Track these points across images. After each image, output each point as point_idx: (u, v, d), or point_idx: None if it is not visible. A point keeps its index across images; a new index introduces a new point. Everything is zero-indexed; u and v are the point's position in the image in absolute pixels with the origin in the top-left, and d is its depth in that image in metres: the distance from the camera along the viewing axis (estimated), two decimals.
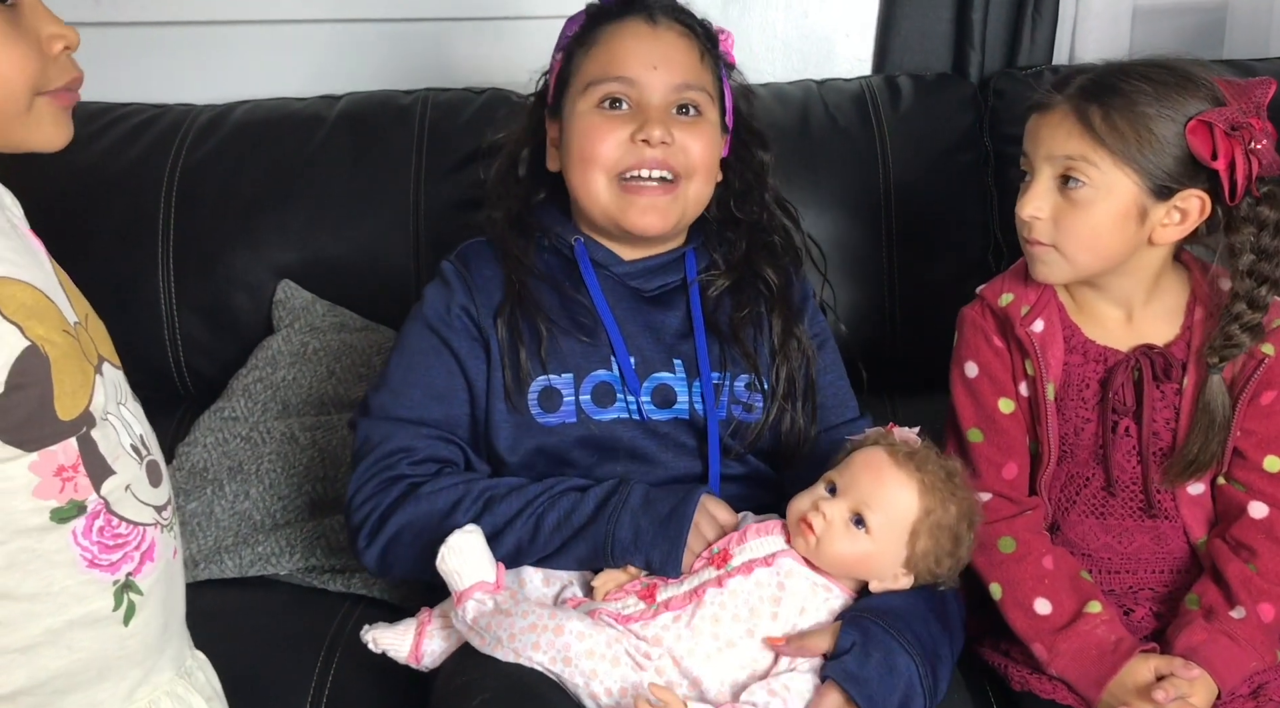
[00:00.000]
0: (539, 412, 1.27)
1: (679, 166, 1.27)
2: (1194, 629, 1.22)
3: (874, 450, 1.17)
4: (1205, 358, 1.25)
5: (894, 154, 1.73)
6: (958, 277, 1.70)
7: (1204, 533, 1.30)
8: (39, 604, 0.92)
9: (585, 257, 1.31)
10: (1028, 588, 1.25)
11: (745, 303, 1.33)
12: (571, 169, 1.29)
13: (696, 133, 1.27)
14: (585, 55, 1.29)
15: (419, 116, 1.73)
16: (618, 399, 1.28)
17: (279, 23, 1.88)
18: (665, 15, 1.29)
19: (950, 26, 1.89)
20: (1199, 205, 1.22)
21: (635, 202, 1.26)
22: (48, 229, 1.06)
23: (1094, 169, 1.21)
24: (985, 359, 1.32)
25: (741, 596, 1.14)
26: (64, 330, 0.93)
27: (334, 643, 1.33)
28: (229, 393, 1.63)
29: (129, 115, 1.76)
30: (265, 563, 1.46)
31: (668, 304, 1.33)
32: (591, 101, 1.27)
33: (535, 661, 1.10)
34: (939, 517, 1.15)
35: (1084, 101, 1.21)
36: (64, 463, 0.91)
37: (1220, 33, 1.99)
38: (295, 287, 1.69)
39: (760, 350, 1.32)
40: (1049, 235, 1.24)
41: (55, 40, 0.94)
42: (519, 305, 1.28)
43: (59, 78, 0.94)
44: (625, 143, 1.25)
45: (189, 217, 1.68)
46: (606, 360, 1.28)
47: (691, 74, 1.28)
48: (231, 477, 1.52)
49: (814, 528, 1.14)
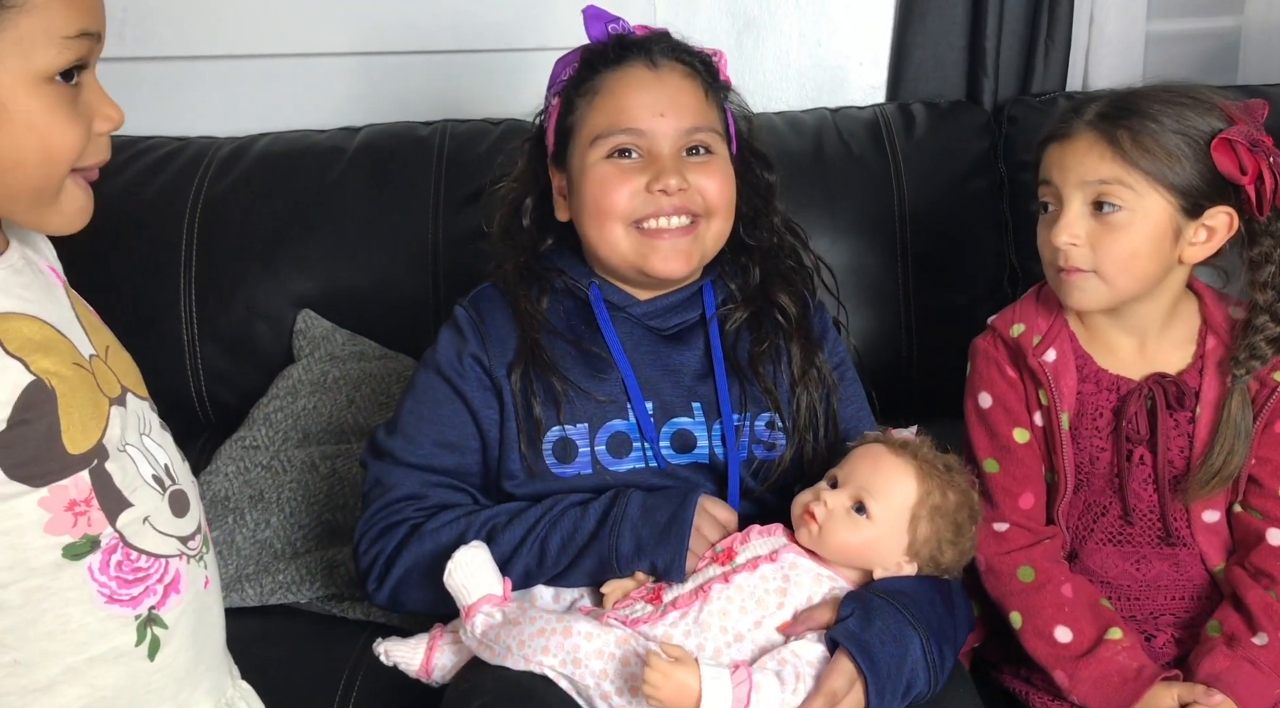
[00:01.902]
0: (554, 462, 1.26)
1: (697, 208, 1.26)
2: (1216, 656, 1.21)
3: (872, 445, 1.20)
4: (1230, 370, 1.25)
5: (909, 181, 1.74)
6: (973, 303, 1.71)
7: (1221, 560, 1.30)
8: (56, 643, 0.91)
9: (600, 302, 1.30)
10: (1047, 616, 1.25)
11: (764, 336, 1.32)
12: (587, 222, 1.27)
13: (710, 172, 1.26)
14: (589, 105, 1.27)
15: (437, 148, 1.75)
16: (634, 449, 1.27)
17: (299, 56, 1.90)
18: (665, 57, 1.27)
19: (964, 54, 1.89)
20: (1227, 221, 1.23)
21: (657, 247, 1.25)
22: (72, 261, 1.07)
23: (1129, 191, 1.21)
24: (999, 390, 1.32)
25: (748, 590, 1.15)
26: (75, 364, 0.92)
27: (354, 671, 1.33)
28: (250, 422, 1.64)
29: (152, 148, 1.78)
30: (286, 591, 1.47)
31: (686, 342, 1.32)
32: (601, 154, 1.25)
33: (546, 664, 1.11)
34: (938, 501, 1.17)
35: (1109, 125, 1.21)
36: (75, 497, 0.90)
37: (1234, 58, 1.99)
38: (315, 316, 1.70)
39: (780, 384, 1.31)
40: (1087, 261, 1.23)
41: (105, 121, 0.93)
42: (533, 363, 1.27)
43: (93, 156, 0.93)
44: (641, 193, 1.24)
45: (211, 248, 1.70)
46: (623, 410, 1.27)
47: (699, 116, 1.26)
48: (253, 505, 1.53)
49: (816, 516, 1.16)
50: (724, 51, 1.36)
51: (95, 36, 0.90)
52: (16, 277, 0.94)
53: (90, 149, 0.92)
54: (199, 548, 1.01)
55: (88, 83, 0.92)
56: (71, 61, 0.88)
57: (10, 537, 0.88)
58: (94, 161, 0.94)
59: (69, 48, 0.88)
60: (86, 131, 0.91)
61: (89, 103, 0.91)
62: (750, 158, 1.37)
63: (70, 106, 0.90)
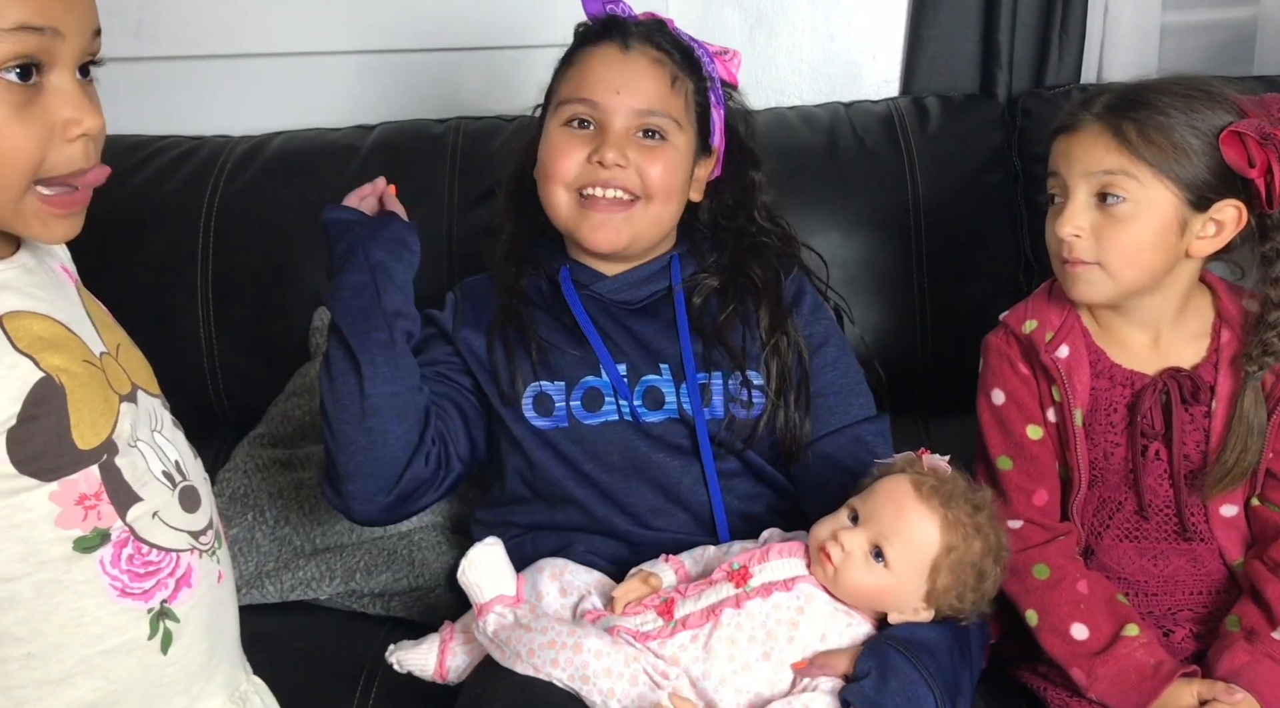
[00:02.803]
0: (533, 416, 1.32)
1: (634, 188, 1.30)
2: (1236, 651, 1.21)
3: (899, 480, 1.14)
4: (1243, 367, 1.25)
5: (923, 175, 1.73)
6: (988, 297, 1.70)
7: (1239, 554, 1.29)
8: (70, 636, 0.92)
9: (568, 280, 1.37)
10: (1063, 613, 1.25)
11: (730, 300, 1.36)
12: (539, 183, 1.34)
13: (656, 158, 1.30)
14: (562, 76, 1.35)
15: (451, 145, 1.75)
16: (606, 403, 1.32)
17: (313, 55, 1.91)
18: (640, 41, 1.32)
19: (977, 47, 1.89)
20: (1235, 215, 1.23)
21: (589, 216, 1.31)
22: (89, 260, 1.08)
23: (1133, 182, 1.21)
24: (1012, 387, 1.32)
25: (759, 618, 1.13)
26: (85, 360, 0.93)
27: (374, 667, 1.34)
28: (267, 419, 1.65)
29: (168, 147, 1.79)
30: (306, 588, 1.48)
31: (655, 313, 1.37)
32: (560, 120, 1.32)
33: (554, 677, 1.11)
34: (961, 554, 1.12)
35: (1116, 117, 1.21)
36: (85, 491, 0.91)
37: (1250, 49, 1.97)
38: None
39: (750, 348, 1.34)
40: (1091, 253, 1.23)
41: (71, 126, 0.87)
42: (509, 322, 1.35)
43: (63, 165, 0.88)
44: (583, 162, 1.30)
45: (227, 246, 1.71)
46: (596, 369, 1.33)
47: (657, 101, 1.31)
48: (272, 502, 1.54)
49: (832, 559, 1.13)
50: (739, 52, 1.39)
51: (50, 32, 0.85)
52: (28, 276, 0.94)
53: (57, 158, 0.88)
54: (211, 543, 1.02)
55: (54, 85, 0.87)
56: (12, 55, 0.84)
57: (21, 530, 0.89)
58: (61, 171, 0.88)
59: (8, 39, 0.83)
60: (43, 136, 0.86)
61: (51, 106, 0.87)
62: (739, 155, 1.41)
63: (21, 108, 0.85)
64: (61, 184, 0.89)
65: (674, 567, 1.23)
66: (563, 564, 1.27)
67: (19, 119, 0.86)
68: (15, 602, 0.90)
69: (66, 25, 0.87)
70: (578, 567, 1.27)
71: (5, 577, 0.90)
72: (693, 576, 1.23)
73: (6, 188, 0.87)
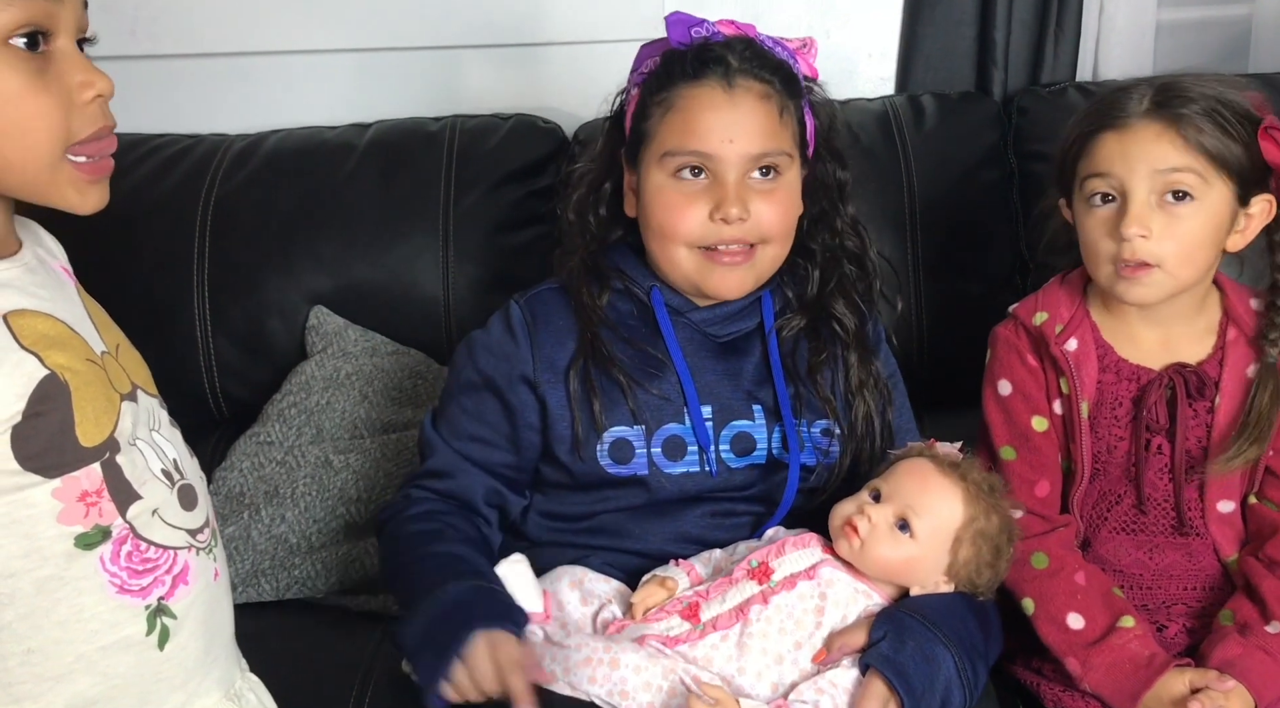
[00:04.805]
0: (609, 463, 1.26)
1: (754, 237, 1.25)
2: (1229, 644, 1.21)
3: (918, 461, 1.18)
4: (1263, 348, 1.26)
5: (919, 173, 1.74)
6: (985, 294, 1.71)
7: (1233, 551, 1.30)
8: (70, 631, 0.93)
9: (662, 304, 1.30)
10: (1061, 603, 1.25)
11: (822, 346, 1.32)
12: (651, 238, 1.28)
13: (773, 200, 1.25)
14: (661, 118, 1.26)
15: (447, 143, 1.75)
16: (689, 452, 1.27)
17: (310, 53, 1.91)
18: (743, 75, 1.24)
19: (973, 45, 1.89)
20: (1266, 208, 1.24)
21: (715, 269, 1.25)
22: (85, 259, 1.08)
23: (1199, 179, 1.20)
24: (1019, 377, 1.32)
25: (786, 610, 1.15)
26: (88, 359, 0.94)
27: (370, 666, 1.34)
28: (264, 418, 1.65)
29: (164, 146, 1.79)
30: (301, 586, 1.48)
31: (743, 351, 1.31)
32: (667, 170, 1.25)
33: (593, 694, 1.11)
34: (982, 525, 1.16)
35: (1172, 113, 1.20)
36: (87, 488, 0.92)
37: (1245, 47, 1.98)
38: (328, 312, 1.71)
39: (836, 392, 1.31)
40: (1154, 254, 1.21)
41: (85, 88, 0.91)
42: (593, 357, 1.27)
43: (86, 127, 0.92)
44: (704, 221, 1.24)
45: (223, 245, 1.70)
46: (679, 413, 1.27)
47: (769, 141, 1.25)
48: (268, 501, 1.54)
49: (859, 531, 1.15)
50: (815, 40, 1.33)
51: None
52: (31, 275, 0.95)
53: (79, 122, 0.91)
54: (208, 541, 1.02)
55: (60, 51, 0.91)
56: (19, 21, 0.87)
57: (24, 526, 0.90)
58: (89, 132, 0.92)
59: (13, 5, 0.86)
60: (63, 104, 0.90)
61: (63, 71, 0.90)
62: (825, 154, 1.35)
63: (37, 76, 0.89)
64: (91, 147, 0.92)
65: (685, 570, 1.23)
66: (581, 572, 1.25)
67: (40, 88, 0.89)
68: (16, 598, 0.91)
69: None
70: (596, 575, 1.25)
71: (6, 573, 0.91)
72: (704, 577, 1.23)
73: (41, 156, 0.90)
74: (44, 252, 1.01)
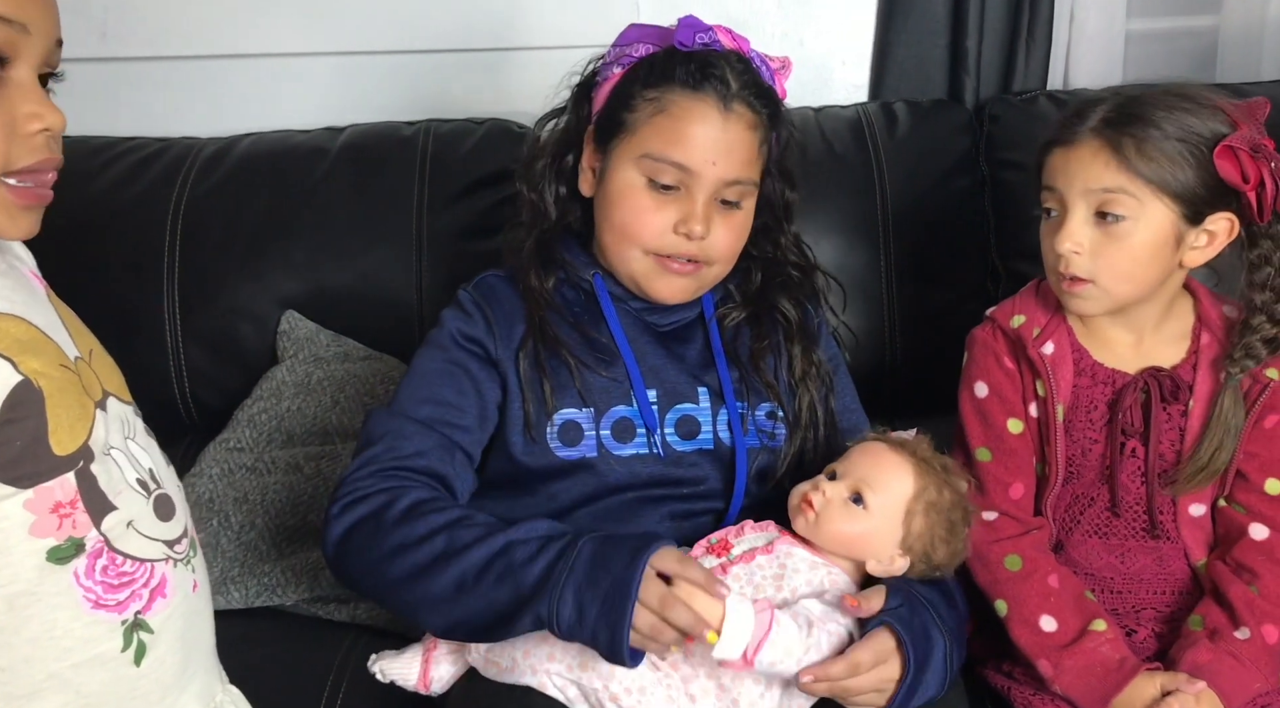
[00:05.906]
0: (558, 445, 1.25)
1: (704, 257, 1.27)
2: (1199, 649, 1.22)
3: (872, 442, 1.22)
4: (1225, 368, 1.27)
5: (891, 180, 1.75)
6: (957, 301, 1.72)
7: (1203, 555, 1.31)
8: (41, 649, 0.91)
9: (604, 291, 1.31)
10: (1033, 605, 1.26)
11: (764, 334, 1.33)
12: (608, 233, 1.28)
13: (731, 225, 1.27)
14: (649, 118, 1.25)
15: (420, 147, 1.75)
16: (638, 434, 1.27)
17: (282, 56, 1.90)
18: (739, 101, 1.24)
19: (945, 53, 1.90)
20: (1227, 226, 1.24)
21: (663, 274, 1.27)
22: (54, 263, 1.07)
23: (1133, 200, 1.21)
24: (996, 380, 1.33)
25: (744, 578, 1.16)
26: (62, 365, 0.92)
27: (340, 673, 1.33)
28: (234, 424, 1.64)
29: (134, 149, 1.78)
30: (271, 594, 1.47)
31: (685, 338, 1.33)
32: (643, 171, 1.25)
33: (553, 672, 1.11)
34: (933, 497, 1.18)
35: (1114, 133, 1.21)
36: (61, 499, 0.90)
37: (1212, 57, 2.01)
38: (299, 317, 1.70)
39: (780, 379, 1.33)
40: (1087, 270, 1.23)
41: (31, 120, 0.89)
42: (542, 340, 1.27)
43: (26, 157, 0.89)
44: (667, 231, 1.25)
45: (194, 249, 1.69)
46: (627, 395, 1.27)
47: (745, 169, 1.26)
48: (237, 507, 1.53)
49: (814, 505, 1.18)
50: (791, 61, 1.34)
51: (18, 27, 0.87)
52: (2, 279, 0.93)
53: (19, 152, 0.89)
54: (186, 552, 1.00)
55: (14, 80, 0.89)
56: None
57: None
58: (27, 162, 0.90)
59: None
60: (5, 129, 0.88)
61: (13, 100, 0.88)
62: (775, 172, 1.36)
63: None
64: (30, 176, 0.90)
65: None
66: None
67: None
68: None
69: (35, 24, 0.88)
70: None
71: None
72: None
73: None
74: (12, 257, 0.99)
